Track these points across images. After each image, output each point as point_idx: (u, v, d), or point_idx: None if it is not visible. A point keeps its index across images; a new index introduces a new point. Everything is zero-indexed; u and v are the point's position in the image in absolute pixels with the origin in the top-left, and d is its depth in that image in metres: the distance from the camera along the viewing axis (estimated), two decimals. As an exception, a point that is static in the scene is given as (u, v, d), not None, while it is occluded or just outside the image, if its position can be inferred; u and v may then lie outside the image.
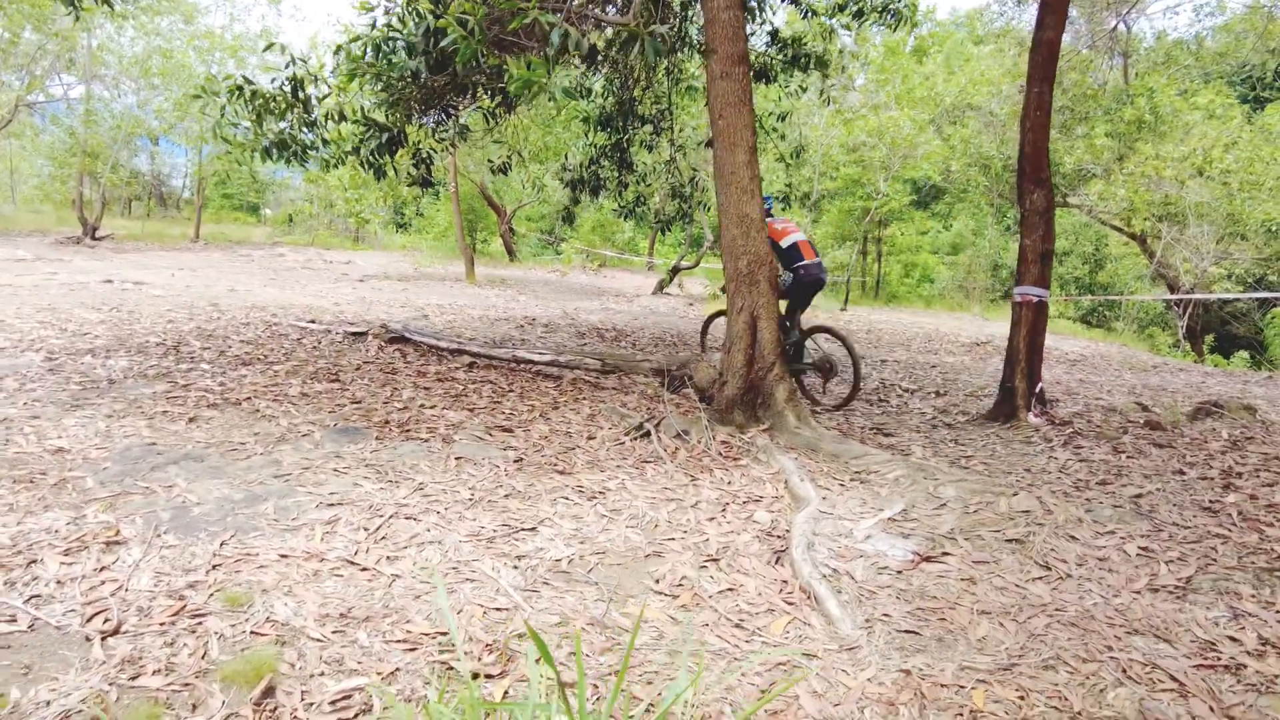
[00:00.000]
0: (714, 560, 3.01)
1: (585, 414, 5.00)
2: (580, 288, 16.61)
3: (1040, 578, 2.97)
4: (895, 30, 8.34)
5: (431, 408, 4.88)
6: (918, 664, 2.34)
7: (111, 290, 9.47)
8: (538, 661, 2.24)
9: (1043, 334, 5.80)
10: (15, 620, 2.24)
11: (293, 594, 2.50)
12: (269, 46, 5.68)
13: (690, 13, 7.86)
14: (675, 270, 16.20)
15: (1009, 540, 3.29)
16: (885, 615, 2.65)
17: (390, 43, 5.65)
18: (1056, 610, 2.71)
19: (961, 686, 2.24)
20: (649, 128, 9.17)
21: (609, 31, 6.88)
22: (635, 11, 4.95)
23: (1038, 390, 5.75)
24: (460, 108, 7.18)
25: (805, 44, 8.01)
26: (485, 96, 6.82)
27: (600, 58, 7.23)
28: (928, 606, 2.73)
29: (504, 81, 6.52)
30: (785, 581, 2.86)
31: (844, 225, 21.36)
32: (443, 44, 4.55)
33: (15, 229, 19.45)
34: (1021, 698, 2.20)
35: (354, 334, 7.11)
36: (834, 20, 8.43)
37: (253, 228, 30.19)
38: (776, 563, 3.02)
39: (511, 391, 5.46)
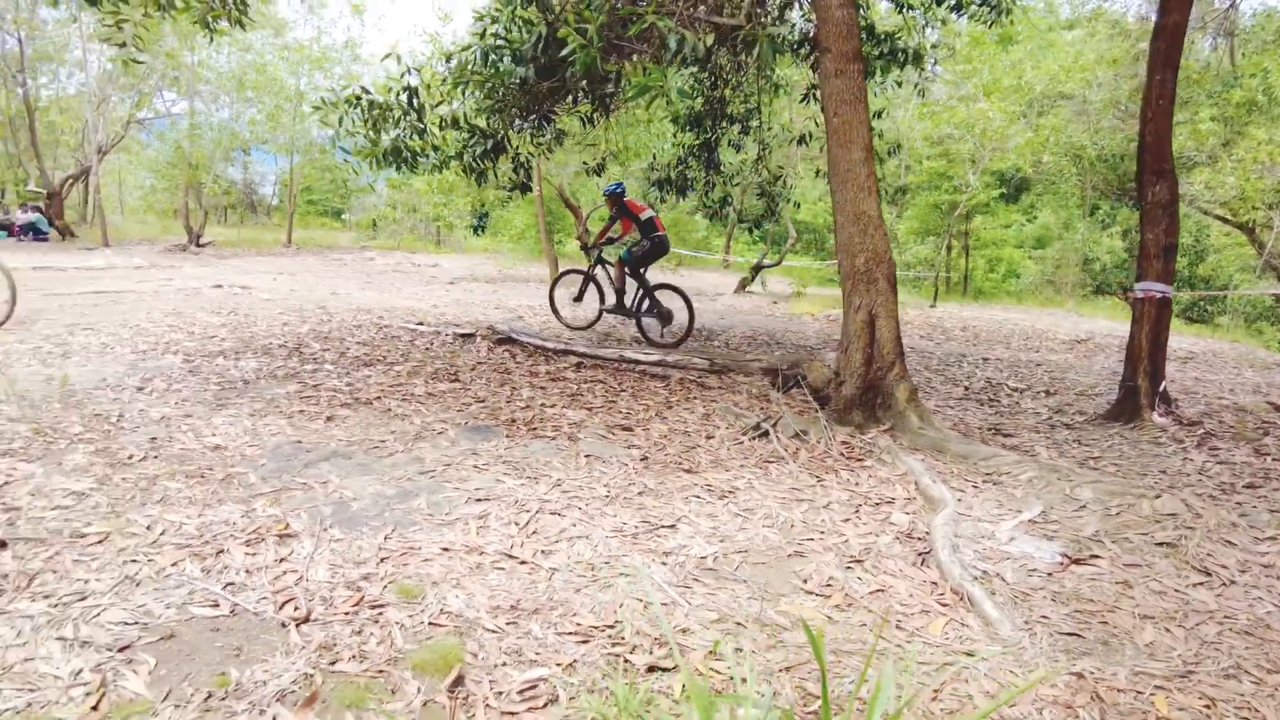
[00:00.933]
0: (858, 561, 3.01)
1: (700, 413, 5.04)
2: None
3: (1201, 583, 2.88)
4: (991, 26, 8.14)
5: (551, 406, 4.99)
6: (1087, 667, 2.31)
7: (224, 295, 9.95)
8: (712, 655, 2.30)
9: (1166, 331, 5.59)
10: (218, 605, 2.41)
11: (461, 586, 2.61)
12: (387, 56, 5.90)
13: (786, 11, 7.82)
14: (758, 268, 16.08)
15: (1159, 544, 3.19)
16: (1044, 617, 2.61)
17: (498, 51, 5.80)
18: (1226, 618, 2.63)
19: (1139, 692, 2.20)
20: (737, 127, 9.18)
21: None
22: (747, 12, 4.97)
23: (1161, 389, 5.55)
24: (559, 113, 7.31)
25: (900, 39, 7.87)
26: (585, 101, 6.92)
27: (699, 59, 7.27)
28: (1085, 609, 2.68)
29: (610, 86, 6.62)
30: (934, 583, 2.84)
31: (929, 219, 20.85)
32: (562, 54, 4.65)
33: (126, 238, 20.63)
34: (1207, 707, 2.14)
35: (462, 335, 7.31)
36: (923, 15, 8.27)
37: (338, 232, 31.32)
38: (922, 564, 3.00)
39: (624, 391, 5.54)
